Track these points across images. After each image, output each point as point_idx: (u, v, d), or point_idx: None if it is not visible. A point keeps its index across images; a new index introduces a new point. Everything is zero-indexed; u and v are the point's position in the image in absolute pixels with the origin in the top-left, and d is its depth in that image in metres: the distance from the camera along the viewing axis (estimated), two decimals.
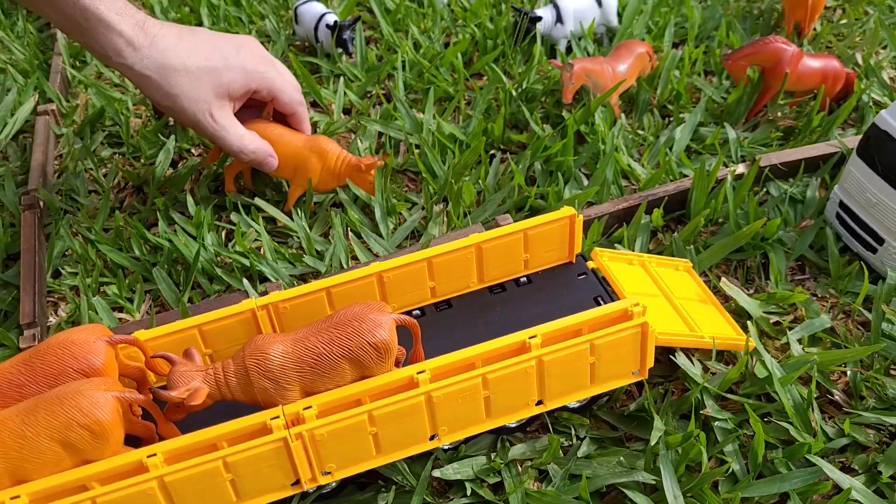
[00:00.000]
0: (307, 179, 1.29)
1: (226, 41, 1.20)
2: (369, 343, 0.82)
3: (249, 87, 1.21)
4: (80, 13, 1.08)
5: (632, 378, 0.95)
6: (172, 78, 1.14)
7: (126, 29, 1.10)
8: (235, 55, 1.18)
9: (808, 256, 1.21)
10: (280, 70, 1.27)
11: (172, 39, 1.14)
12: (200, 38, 1.17)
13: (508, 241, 1.02)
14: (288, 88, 1.27)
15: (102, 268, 1.25)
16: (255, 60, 1.21)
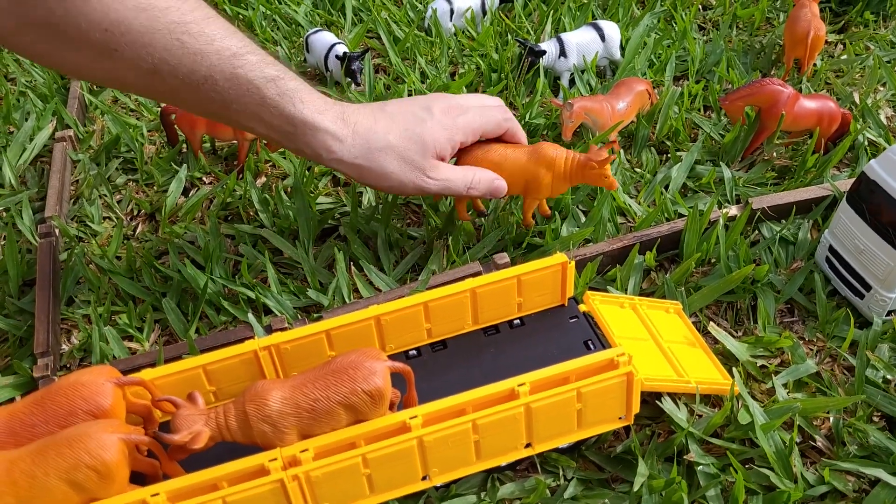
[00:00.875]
0: (542, 190, 1.25)
1: (416, 106, 1.18)
2: (364, 390, 0.86)
3: (454, 140, 1.19)
4: (286, 121, 1.09)
5: (618, 423, 0.98)
6: (382, 159, 1.13)
7: (330, 125, 1.10)
8: (430, 116, 1.16)
9: (797, 299, 1.24)
10: (474, 105, 1.23)
11: (369, 122, 1.13)
12: (392, 111, 1.17)
13: (502, 286, 1.06)
14: (490, 118, 1.23)
15: (114, 296, 1.30)
16: (450, 113, 1.19)
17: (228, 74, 1.01)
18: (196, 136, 1.55)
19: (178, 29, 0.96)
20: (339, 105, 1.14)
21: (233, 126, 1.14)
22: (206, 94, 1.02)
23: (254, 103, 1.05)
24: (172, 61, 0.97)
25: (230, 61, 1.01)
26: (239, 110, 1.06)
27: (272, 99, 1.05)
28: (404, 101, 1.21)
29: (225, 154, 1.63)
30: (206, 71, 1.00)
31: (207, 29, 0.99)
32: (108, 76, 1.00)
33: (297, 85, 1.08)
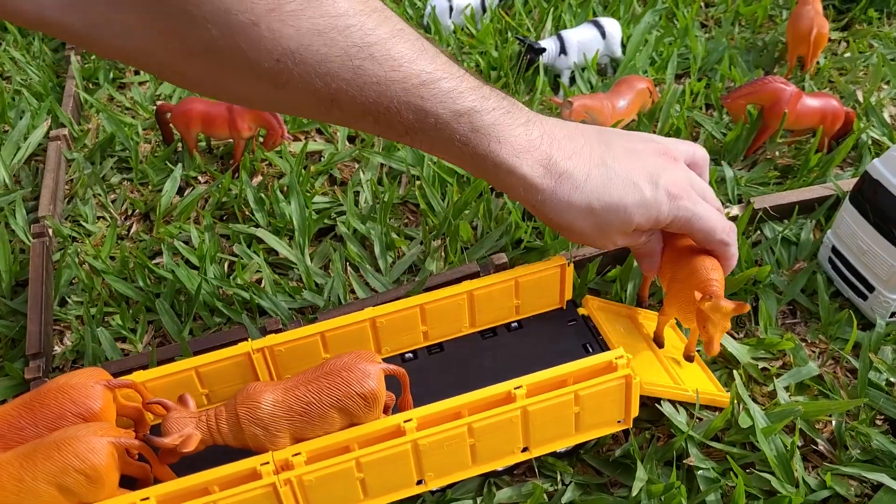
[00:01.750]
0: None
1: (643, 170, 0.97)
2: (357, 393, 0.85)
3: (660, 222, 0.99)
4: (478, 161, 0.93)
5: (616, 427, 0.97)
6: (575, 218, 0.96)
7: (528, 171, 0.93)
8: (653, 190, 0.96)
9: (799, 301, 1.23)
10: (698, 202, 1.00)
11: (581, 177, 0.94)
12: (614, 171, 0.96)
13: (500, 288, 1.04)
14: (706, 227, 1.00)
15: (107, 297, 1.28)
16: (674, 190, 0.97)
17: (415, 107, 0.85)
18: (191, 135, 1.53)
19: (358, 54, 0.80)
20: (546, 144, 0.94)
21: (426, 152, 0.98)
22: (393, 126, 0.88)
23: (442, 139, 0.90)
24: (352, 91, 0.82)
25: (417, 91, 0.84)
26: (428, 143, 0.91)
27: (463, 136, 0.89)
28: (636, 161, 0.98)
29: (221, 153, 1.61)
30: (389, 102, 0.84)
31: (394, 50, 0.82)
32: (283, 106, 0.88)
33: (495, 118, 0.90)
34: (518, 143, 0.92)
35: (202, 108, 1.51)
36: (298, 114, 0.97)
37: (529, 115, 0.95)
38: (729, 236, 1.02)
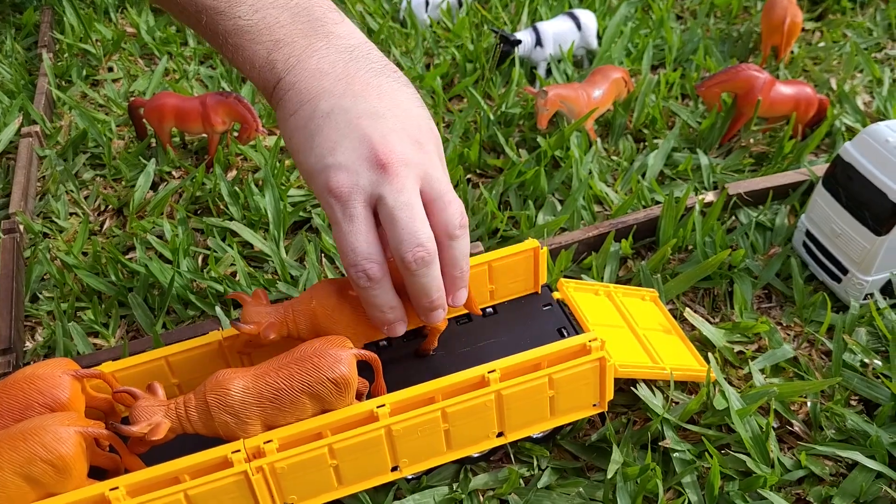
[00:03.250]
0: None
1: (333, 141, 0.84)
2: (329, 378, 0.84)
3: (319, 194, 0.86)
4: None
5: (592, 410, 0.96)
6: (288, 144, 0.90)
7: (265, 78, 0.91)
8: (317, 162, 0.84)
9: (774, 285, 1.23)
10: (352, 218, 0.83)
11: (287, 111, 0.88)
12: (316, 125, 0.85)
13: (473, 272, 1.03)
14: (340, 243, 0.85)
15: (79, 292, 1.27)
16: (332, 185, 0.83)
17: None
18: (165, 130, 1.52)
19: None
20: (284, 68, 0.89)
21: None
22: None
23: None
24: None
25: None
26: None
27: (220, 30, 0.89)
28: (357, 125, 0.84)
29: (195, 148, 1.60)
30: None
31: None
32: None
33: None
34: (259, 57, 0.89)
35: (175, 103, 1.50)
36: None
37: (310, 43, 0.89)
38: (357, 277, 0.84)
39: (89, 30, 1.93)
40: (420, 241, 0.83)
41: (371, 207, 0.84)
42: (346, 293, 0.92)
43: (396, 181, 0.83)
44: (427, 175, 0.86)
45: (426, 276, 0.85)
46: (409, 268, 0.84)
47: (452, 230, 0.86)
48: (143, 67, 1.89)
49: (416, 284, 0.86)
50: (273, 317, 0.91)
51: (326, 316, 0.91)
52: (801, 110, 1.49)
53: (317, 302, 0.91)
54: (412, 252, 0.83)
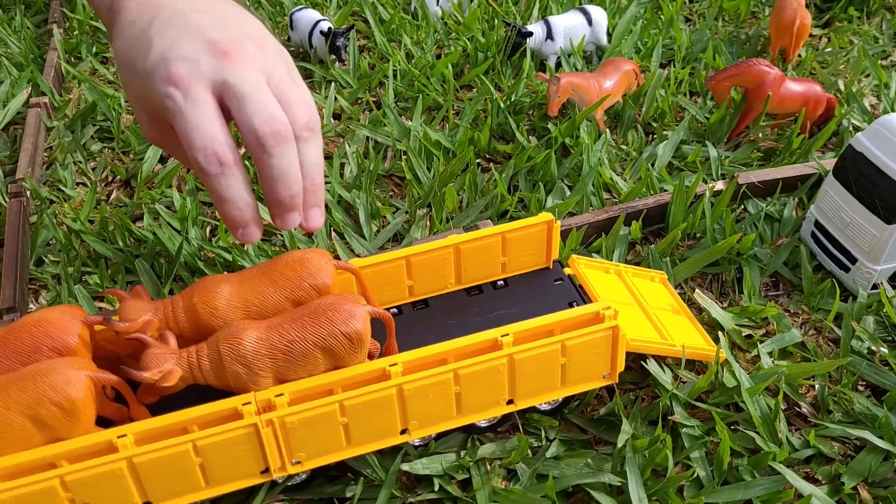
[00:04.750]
0: None
1: (171, 38, 0.79)
2: (342, 332, 0.83)
3: (153, 102, 0.81)
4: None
5: (602, 381, 0.96)
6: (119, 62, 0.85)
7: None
8: (155, 63, 0.79)
9: (782, 273, 1.23)
10: (195, 100, 0.77)
11: (126, 23, 0.84)
12: (150, 29, 0.81)
13: (486, 243, 1.04)
14: (180, 126, 0.78)
15: (85, 257, 1.26)
16: (173, 72, 0.77)
17: None
18: None
19: None
20: None
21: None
22: None
23: None
24: None
25: None
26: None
27: None
28: (196, 24, 0.81)
29: None
30: None
31: None
32: None
33: None
34: None
35: None
36: None
37: None
38: (206, 162, 0.76)
39: None
40: (272, 113, 0.75)
41: (216, 97, 0.77)
42: (230, 289, 0.88)
43: (239, 66, 0.77)
44: (271, 72, 0.80)
45: (283, 155, 0.77)
46: (264, 143, 0.75)
47: (299, 130, 0.79)
48: None
49: (273, 169, 0.77)
50: (151, 313, 0.86)
51: (208, 313, 0.87)
52: (810, 108, 1.49)
53: (198, 297, 0.87)
54: (267, 123, 0.75)
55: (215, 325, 0.87)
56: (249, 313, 0.88)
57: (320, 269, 0.90)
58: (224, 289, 0.88)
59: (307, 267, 0.90)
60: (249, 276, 0.90)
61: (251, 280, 0.89)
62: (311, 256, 0.91)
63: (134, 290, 0.89)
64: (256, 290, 0.89)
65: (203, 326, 0.87)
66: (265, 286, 0.89)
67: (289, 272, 0.89)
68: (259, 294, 0.88)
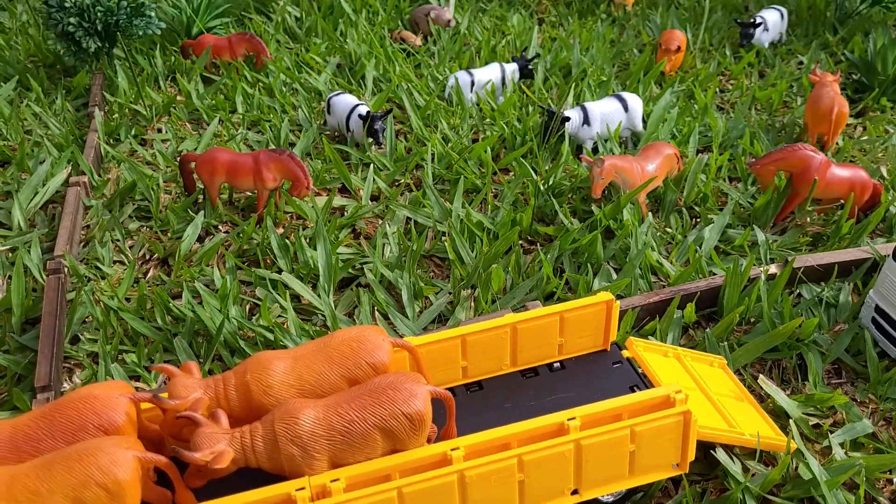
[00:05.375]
0: None
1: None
2: (403, 413, 0.79)
3: None
4: None
5: (671, 472, 0.90)
6: None
7: None
8: None
9: (844, 360, 1.18)
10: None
11: None
12: None
13: (544, 323, 1.00)
14: None
15: (122, 336, 1.22)
16: None
17: None
18: (215, 184, 1.51)
19: None
20: None
21: None
22: None
23: None
24: None
25: None
26: None
27: None
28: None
29: (242, 206, 1.59)
30: None
31: None
32: None
33: None
34: None
35: (228, 158, 1.50)
36: None
37: None
38: None
39: (142, 92, 1.96)
40: None
41: None
42: (284, 366, 0.85)
43: None
44: None
45: None
46: None
47: None
48: (191, 131, 1.90)
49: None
50: (202, 391, 0.83)
51: (261, 391, 0.83)
52: (857, 193, 1.47)
53: (251, 375, 0.84)
54: None
55: (268, 403, 0.83)
56: (303, 391, 0.84)
57: (378, 347, 0.86)
58: (278, 366, 0.84)
59: (364, 344, 0.86)
60: (304, 353, 0.86)
61: (306, 357, 0.86)
62: (368, 333, 0.87)
63: (184, 365, 0.85)
64: (311, 368, 0.85)
65: (255, 405, 0.83)
66: (320, 364, 0.85)
67: (345, 349, 0.86)
68: (314, 372, 0.85)
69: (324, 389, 0.85)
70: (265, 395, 0.83)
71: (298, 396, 0.83)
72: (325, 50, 2.27)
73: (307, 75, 2.12)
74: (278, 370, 0.84)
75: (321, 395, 0.84)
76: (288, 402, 0.80)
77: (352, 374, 0.85)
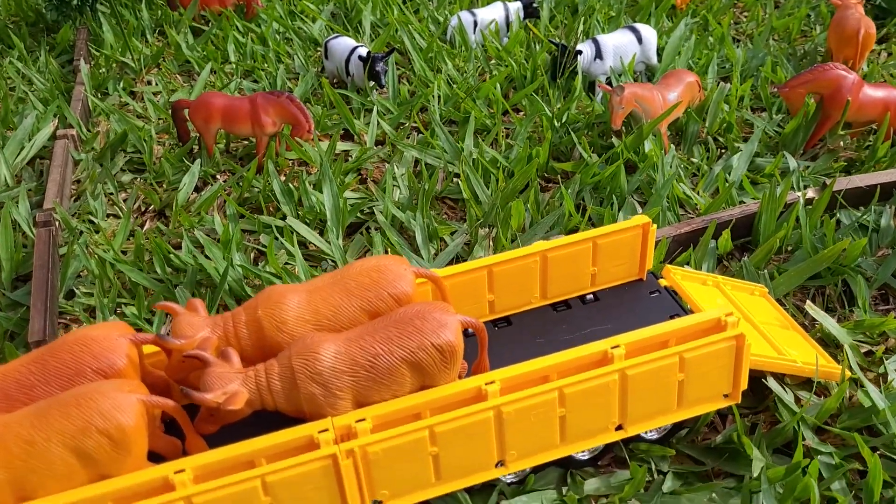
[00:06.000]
0: None
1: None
2: (433, 344, 0.72)
3: None
4: None
5: (723, 402, 0.83)
6: None
7: None
8: None
9: (891, 285, 1.11)
10: None
11: None
12: None
13: (576, 250, 0.92)
14: None
15: (120, 288, 1.15)
16: None
17: None
18: (211, 131, 1.42)
19: None
20: None
21: None
22: None
23: None
24: None
25: None
26: None
27: None
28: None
29: (241, 153, 1.50)
30: None
31: None
32: None
33: None
34: None
35: (223, 102, 1.41)
36: None
37: None
38: None
39: (128, 43, 1.86)
40: None
41: None
42: (299, 300, 0.77)
43: None
44: None
45: None
46: None
47: None
48: (182, 83, 1.81)
49: None
50: (210, 329, 0.76)
51: (274, 327, 0.76)
52: (892, 114, 1.39)
53: (263, 310, 0.77)
54: None
55: (282, 341, 0.75)
56: (321, 326, 0.77)
57: (400, 276, 0.79)
58: (292, 299, 0.77)
59: (385, 274, 0.78)
60: (320, 286, 0.78)
61: (322, 290, 0.78)
62: (389, 263, 0.80)
63: (189, 303, 0.77)
64: (329, 301, 0.77)
65: (269, 343, 0.76)
66: (338, 296, 0.77)
67: (364, 280, 0.78)
68: (332, 305, 0.77)
69: (343, 324, 0.77)
70: (279, 332, 0.75)
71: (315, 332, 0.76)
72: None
73: (301, 23, 2.02)
74: (292, 304, 0.76)
75: (340, 329, 0.77)
76: (305, 336, 0.72)
77: (373, 307, 0.78)
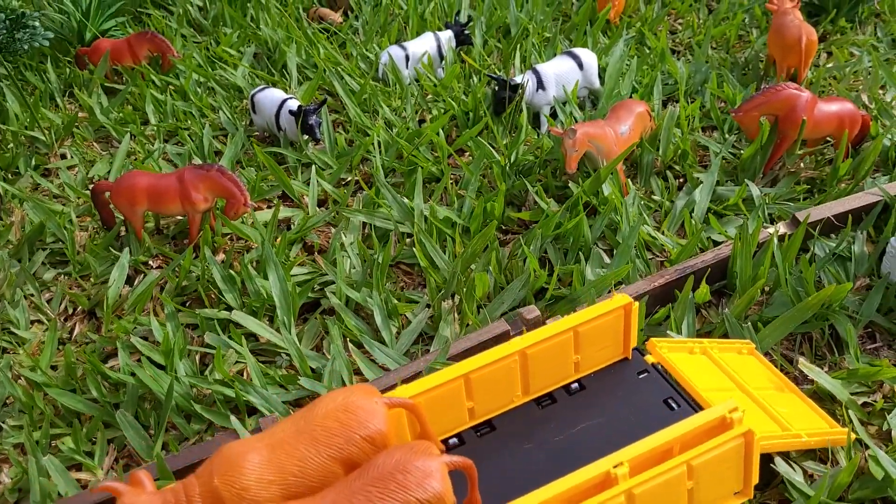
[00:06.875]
0: None
1: None
2: (419, 500, 0.63)
3: None
4: None
5: (733, 500, 0.77)
6: None
7: None
8: None
9: (878, 322, 1.06)
10: None
11: None
12: None
13: (556, 342, 0.85)
14: None
15: (53, 416, 1.03)
16: None
17: None
18: (137, 215, 1.31)
19: None
20: None
21: None
22: None
23: None
24: None
25: None
26: None
27: None
28: None
29: (172, 232, 1.39)
30: None
31: None
32: None
33: None
34: None
35: (148, 182, 1.29)
36: None
37: None
38: None
39: (36, 115, 1.72)
40: None
41: None
42: (260, 459, 0.69)
43: None
44: None
45: None
46: None
47: None
48: (101, 151, 1.68)
49: None
50: None
51: (235, 496, 0.67)
52: (848, 128, 1.35)
53: (220, 478, 0.68)
54: None
55: None
56: (287, 486, 0.67)
57: (370, 414, 0.70)
58: (251, 459, 0.67)
59: (354, 414, 0.69)
60: (282, 438, 0.69)
61: (285, 443, 0.69)
62: (357, 399, 0.71)
63: (132, 477, 0.67)
64: (293, 455, 0.68)
65: None
66: (304, 447, 0.68)
67: (331, 423, 0.69)
68: (297, 458, 0.68)
69: (311, 478, 0.68)
70: (241, 501, 0.66)
71: (283, 494, 0.66)
72: (238, 40, 2.05)
73: (222, 71, 1.90)
74: (252, 465, 0.67)
75: (311, 486, 0.68)
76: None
77: (344, 453, 0.69)
